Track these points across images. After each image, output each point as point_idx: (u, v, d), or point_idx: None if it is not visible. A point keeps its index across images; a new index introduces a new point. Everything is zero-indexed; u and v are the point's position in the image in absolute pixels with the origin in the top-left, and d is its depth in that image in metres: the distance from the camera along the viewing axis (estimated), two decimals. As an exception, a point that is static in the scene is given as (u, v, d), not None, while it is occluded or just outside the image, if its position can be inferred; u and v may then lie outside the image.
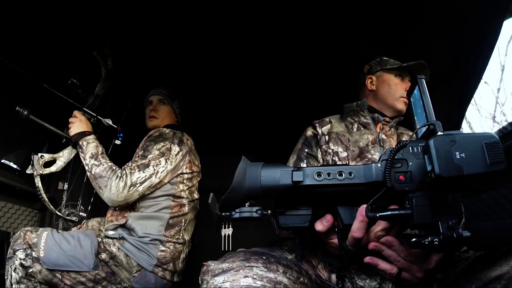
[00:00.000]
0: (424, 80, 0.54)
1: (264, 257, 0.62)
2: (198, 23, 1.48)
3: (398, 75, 1.19)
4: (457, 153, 0.42)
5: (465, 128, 4.81)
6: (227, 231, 2.42)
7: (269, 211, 0.58)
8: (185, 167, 1.44)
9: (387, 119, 1.11)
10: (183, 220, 1.42)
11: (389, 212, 0.49)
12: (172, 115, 1.64)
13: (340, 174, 0.51)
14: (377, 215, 0.50)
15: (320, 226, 0.57)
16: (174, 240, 1.36)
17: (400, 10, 1.28)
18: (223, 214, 0.59)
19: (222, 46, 1.64)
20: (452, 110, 1.40)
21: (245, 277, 0.56)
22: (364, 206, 0.52)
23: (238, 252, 0.65)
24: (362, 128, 1.09)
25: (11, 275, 1.14)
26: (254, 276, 0.57)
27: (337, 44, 1.53)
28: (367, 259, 0.58)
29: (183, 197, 1.44)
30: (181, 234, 1.40)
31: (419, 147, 0.51)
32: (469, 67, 1.27)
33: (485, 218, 1.18)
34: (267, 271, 0.59)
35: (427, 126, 0.51)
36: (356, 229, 0.54)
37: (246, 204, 0.57)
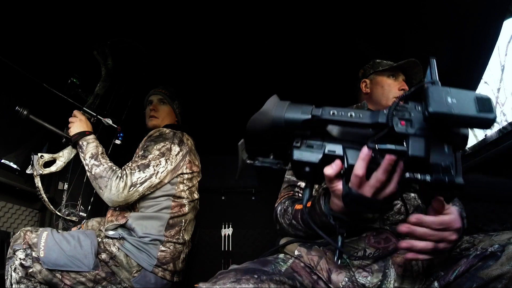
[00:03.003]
0: (434, 60, 0.57)
1: (256, 276, 0.61)
2: (198, 23, 1.48)
3: (391, 75, 1.20)
4: (449, 98, 0.48)
5: (464, 128, 4.81)
6: (227, 231, 2.42)
7: (287, 167, 0.64)
8: (185, 167, 1.44)
9: None
10: (183, 220, 1.42)
11: (387, 145, 0.54)
12: (172, 115, 1.64)
13: (351, 116, 0.58)
14: (376, 146, 0.55)
15: (329, 170, 0.59)
16: (174, 240, 1.36)
17: (401, 10, 1.29)
18: (248, 161, 0.66)
19: (222, 46, 1.64)
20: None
21: None
22: (366, 149, 0.56)
23: (230, 271, 0.64)
24: None
25: (11, 275, 1.14)
26: None
27: (337, 45, 1.54)
28: (404, 244, 0.61)
29: (183, 197, 1.43)
30: (181, 234, 1.40)
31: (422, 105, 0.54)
32: (469, 67, 1.27)
33: (485, 218, 1.18)
34: None
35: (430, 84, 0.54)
36: (359, 167, 0.56)
37: (271, 156, 0.66)
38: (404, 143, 0.53)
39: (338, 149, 0.59)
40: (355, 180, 0.57)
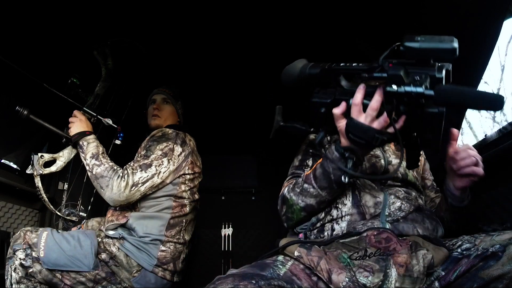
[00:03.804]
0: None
1: (254, 281, 0.61)
2: (198, 23, 1.48)
3: None
4: (419, 37, 0.65)
5: (465, 128, 4.81)
6: (227, 231, 2.42)
7: (311, 129, 0.87)
8: (187, 168, 1.44)
9: None
10: (184, 221, 1.42)
11: (374, 74, 0.72)
12: (175, 115, 1.64)
13: (354, 65, 0.76)
14: (366, 75, 0.73)
15: (336, 109, 0.77)
16: (175, 240, 1.36)
17: (401, 10, 1.29)
18: (281, 123, 0.93)
19: (222, 46, 1.64)
20: (452, 110, 1.40)
21: None
22: (362, 85, 0.74)
23: (227, 277, 0.63)
24: None
25: (11, 275, 1.14)
26: None
27: (337, 45, 1.54)
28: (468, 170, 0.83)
29: (185, 198, 1.43)
30: (181, 234, 1.40)
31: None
32: (469, 67, 1.27)
33: (485, 218, 1.18)
34: None
35: None
36: (356, 97, 0.74)
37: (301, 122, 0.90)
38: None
39: (345, 95, 0.78)
40: (354, 109, 0.74)
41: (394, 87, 0.67)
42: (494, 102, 0.60)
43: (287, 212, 0.94)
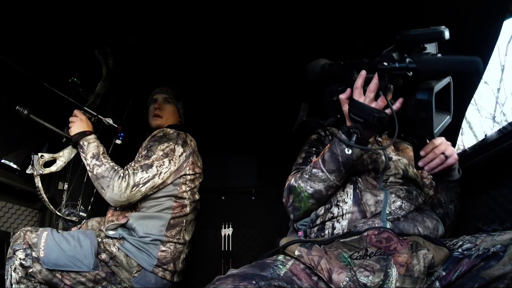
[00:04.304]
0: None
1: (254, 282, 0.61)
2: (198, 24, 1.48)
3: None
4: (412, 30, 0.74)
5: (465, 128, 4.82)
6: (227, 231, 2.42)
7: (327, 123, 0.96)
8: (188, 168, 1.44)
9: None
10: (184, 221, 1.42)
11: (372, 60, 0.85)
12: (176, 115, 1.64)
13: (361, 60, 0.90)
14: (365, 60, 0.87)
15: (342, 95, 0.90)
16: (175, 241, 1.36)
17: (401, 10, 1.29)
18: (304, 118, 1.06)
19: (223, 47, 1.64)
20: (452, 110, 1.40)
21: None
22: (363, 70, 0.86)
23: (227, 277, 0.63)
24: None
25: (11, 275, 1.13)
26: None
27: (337, 45, 1.54)
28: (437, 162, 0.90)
29: (185, 198, 1.43)
30: (181, 235, 1.40)
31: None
32: (469, 67, 1.27)
33: (485, 218, 1.18)
34: None
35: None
36: (358, 81, 0.86)
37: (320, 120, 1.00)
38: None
39: (351, 85, 0.88)
40: (355, 92, 0.85)
41: (385, 63, 0.76)
42: (470, 64, 0.67)
43: (294, 201, 0.95)
